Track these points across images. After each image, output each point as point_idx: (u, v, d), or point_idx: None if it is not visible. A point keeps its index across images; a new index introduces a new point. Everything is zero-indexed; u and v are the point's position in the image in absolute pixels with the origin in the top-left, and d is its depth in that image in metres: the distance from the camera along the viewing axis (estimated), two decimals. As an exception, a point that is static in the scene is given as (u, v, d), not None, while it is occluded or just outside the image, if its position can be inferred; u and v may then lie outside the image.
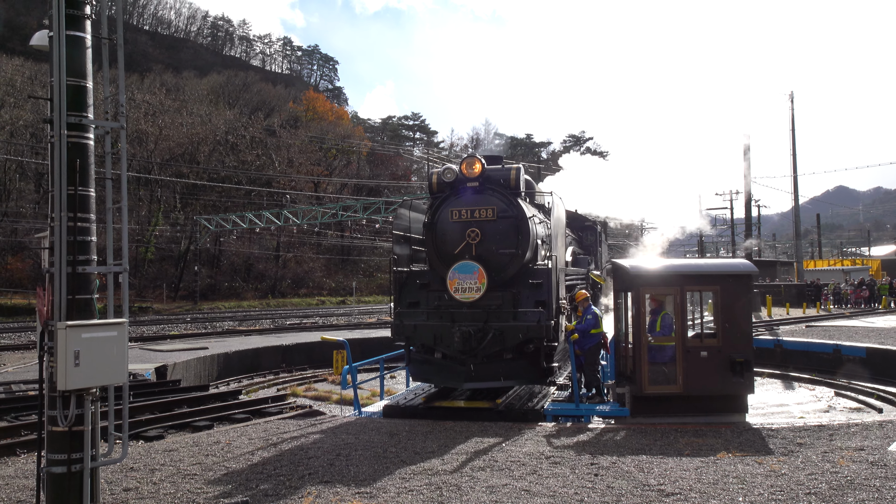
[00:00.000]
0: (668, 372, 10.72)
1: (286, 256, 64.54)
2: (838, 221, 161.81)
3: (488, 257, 11.58)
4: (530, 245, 11.62)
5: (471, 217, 11.73)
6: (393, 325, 12.21)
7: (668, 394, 10.68)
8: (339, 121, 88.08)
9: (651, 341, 10.81)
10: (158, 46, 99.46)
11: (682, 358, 10.57)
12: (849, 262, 67.80)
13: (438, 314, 11.80)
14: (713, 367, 10.51)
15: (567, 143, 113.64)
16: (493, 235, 11.66)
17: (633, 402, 10.80)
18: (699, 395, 10.56)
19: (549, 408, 11.28)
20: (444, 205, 12.02)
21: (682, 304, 10.69)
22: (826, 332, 23.91)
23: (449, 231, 11.88)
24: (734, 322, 10.60)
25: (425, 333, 11.85)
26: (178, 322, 37.11)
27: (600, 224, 21.90)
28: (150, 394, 13.90)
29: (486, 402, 11.79)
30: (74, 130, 5.87)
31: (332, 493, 6.85)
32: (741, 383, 10.50)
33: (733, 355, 10.45)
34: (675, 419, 10.25)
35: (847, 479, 6.85)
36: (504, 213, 11.69)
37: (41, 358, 5.84)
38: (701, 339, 10.81)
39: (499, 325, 11.35)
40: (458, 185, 12.00)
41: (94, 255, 6.02)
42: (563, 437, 9.28)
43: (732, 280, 10.76)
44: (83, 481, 5.79)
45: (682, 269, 11.41)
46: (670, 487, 6.81)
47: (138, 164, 55.27)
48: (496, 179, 12.10)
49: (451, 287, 11.50)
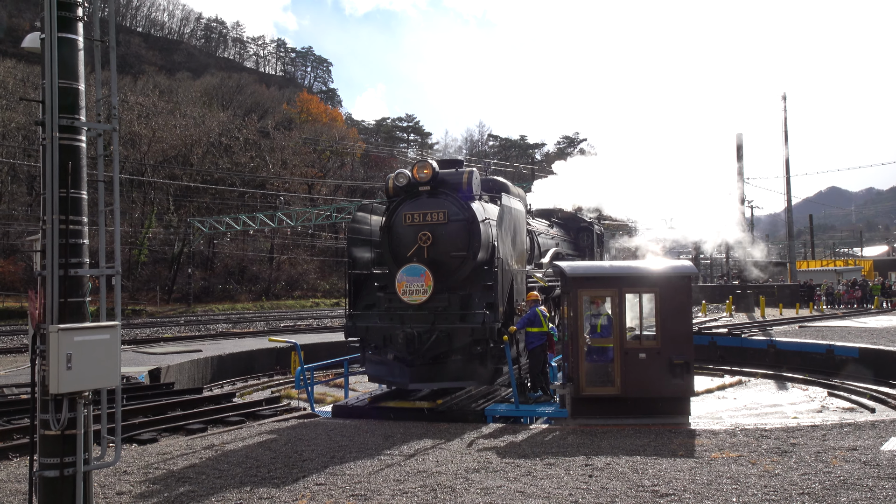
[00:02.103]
0: (608, 373, 10.81)
1: (280, 258, 64.42)
2: (831, 222, 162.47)
3: (441, 260, 11.87)
4: (483, 247, 11.79)
5: (423, 221, 12.04)
6: (346, 326, 12.55)
7: (606, 395, 10.76)
8: (333, 122, 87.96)
9: (588, 342, 10.94)
10: (152, 48, 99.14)
11: (620, 359, 10.67)
12: (841, 262, 68.11)
13: (389, 316, 12.09)
14: (652, 368, 10.58)
15: (561, 145, 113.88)
16: (445, 238, 11.93)
17: (572, 404, 10.86)
18: (638, 396, 10.62)
19: (489, 409, 11.37)
20: (399, 208, 12.34)
21: (620, 306, 10.78)
22: (819, 332, 24.00)
23: (403, 234, 12.19)
24: (674, 323, 10.64)
25: (376, 335, 12.15)
26: (172, 325, 36.98)
27: (598, 225, 21.88)
28: (143, 397, 13.85)
29: (428, 402, 11.93)
30: (66, 133, 5.85)
31: (326, 496, 6.83)
32: (681, 385, 10.54)
33: (672, 357, 10.50)
34: (615, 421, 10.30)
35: (840, 479, 6.87)
36: (455, 217, 11.94)
37: (33, 361, 5.81)
38: (640, 340, 10.88)
39: (445, 326, 11.57)
40: (411, 188, 12.27)
41: (86, 257, 5.99)
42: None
43: (672, 282, 10.82)
44: (76, 485, 5.76)
45: (621, 271, 11.52)
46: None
47: (131, 166, 55.08)
48: (451, 183, 12.30)
49: (400, 289, 11.80)
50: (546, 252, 16.53)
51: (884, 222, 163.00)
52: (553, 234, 18.18)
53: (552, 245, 17.50)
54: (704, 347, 22.87)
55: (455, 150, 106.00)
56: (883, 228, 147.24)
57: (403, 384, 12.03)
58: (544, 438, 9.38)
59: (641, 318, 11.14)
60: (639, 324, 10.94)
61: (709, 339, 23.20)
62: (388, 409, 11.87)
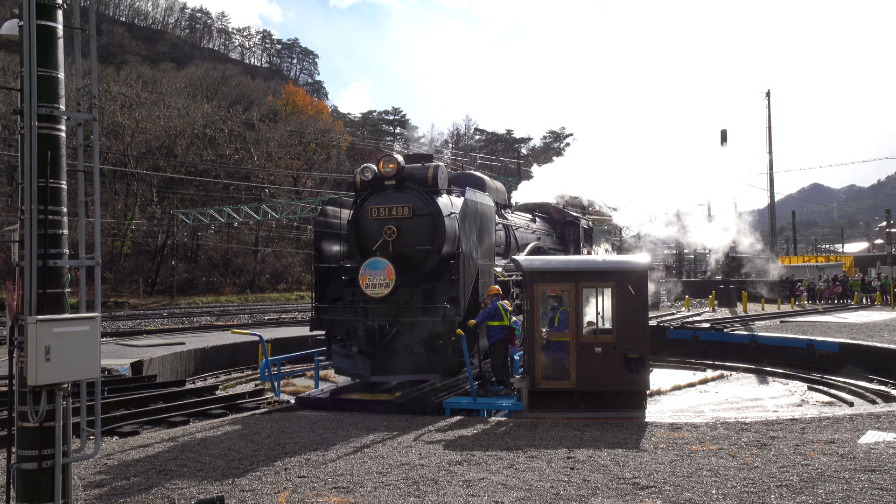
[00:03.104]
0: (565, 367, 10.91)
1: (265, 251, 64.10)
2: (813, 218, 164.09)
3: (406, 254, 12.06)
4: (448, 241, 11.92)
5: (388, 215, 12.23)
6: (311, 319, 12.74)
7: (562, 389, 10.85)
8: (318, 115, 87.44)
9: (545, 336, 11.01)
10: (135, 38, 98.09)
11: (575, 353, 10.76)
12: (822, 258, 68.79)
13: (353, 309, 12.22)
14: (607, 362, 10.67)
15: (547, 139, 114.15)
16: (410, 232, 12.11)
17: (529, 397, 10.94)
18: (594, 390, 10.71)
19: (447, 402, 11.49)
20: (366, 202, 12.51)
21: (576, 300, 10.85)
22: (800, 327, 24.24)
23: (369, 228, 12.39)
24: (629, 318, 10.74)
25: (340, 328, 12.33)
26: (155, 317, 36.72)
27: (585, 220, 21.92)
28: (125, 389, 13.75)
29: (387, 395, 12.07)
30: (45, 122, 5.78)
31: (308, 488, 6.83)
32: (636, 379, 10.64)
33: (628, 351, 10.59)
34: (571, 414, 10.39)
35: (818, 472, 6.96)
36: (421, 211, 12.11)
37: (11, 353, 5.76)
38: (596, 334, 10.96)
39: (407, 319, 11.73)
40: (377, 182, 12.43)
41: (66, 248, 5.93)
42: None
43: (628, 276, 10.88)
44: (55, 477, 5.72)
45: (577, 265, 11.63)
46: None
47: (114, 157, 54.51)
48: (418, 178, 12.45)
49: (363, 283, 11.97)
50: (525, 246, 16.55)
51: (865, 219, 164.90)
52: (535, 229, 18.18)
53: (532, 239, 17.52)
54: (687, 342, 23.02)
55: (441, 144, 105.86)
56: (864, 225, 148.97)
57: (365, 377, 12.19)
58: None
59: (599, 313, 11.28)
60: (601, 318, 11.04)
61: (691, 334, 23.35)
62: (347, 401, 12.00)
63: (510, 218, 16.36)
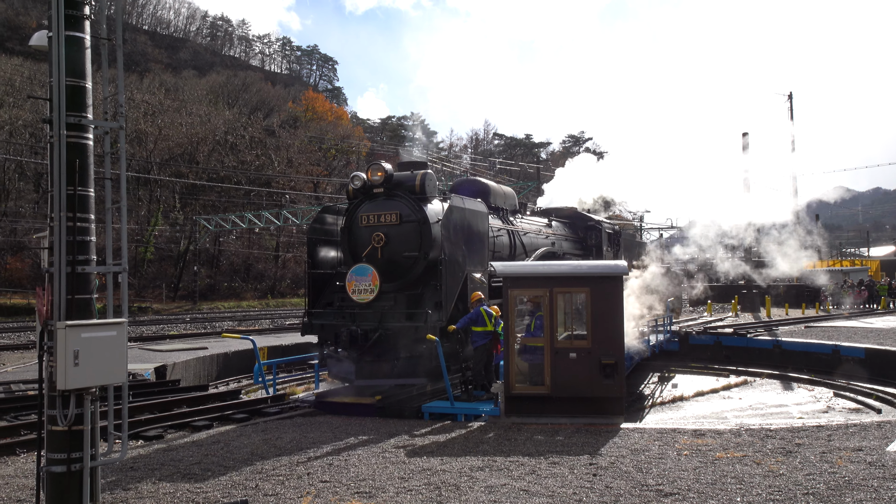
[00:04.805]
0: (540, 373, 10.87)
1: (286, 256, 64.51)
2: (837, 222, 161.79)
3: (394, 260, 12.30)
4: (435, 247, 12.06)
5: (377, 222, 12.51)
6: (303, 323, 13.06)
7: (536, 394, 10.82)
8: (338, 121, 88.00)
9: (519, 341, 11.02)
10: (158, 46, 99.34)
11: (549, 359, 10.72)
12: (848, 262, 67.80)
13: (341, 314, 12.50)
14: (582, 368, 10.62)
15: (566, 144, 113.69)
16: (397, 239, 12.36)
17: (505, 402, 10.90)
18: (568, 396, 10.66)
19: (426, 406, 11.54)
20: (357, 210, 12.80)
21: (551, 305, 10.83)
22: (825, 332, 23.92)
23: (360, 235, 12.68)
24: (604, 324, 10.67)
25: (329, 333, 12.58)
26: (178, 322, 37.08)
27: (608, 224, 21.75)
28: (149, 393, 13.91)
29: (368, 398, 12.16)
30: (74, 130, 5.89)
31: (331, 493, 6.86)
32: (611, 385, 10.56)
33: (602, 357, 10.54)
34: (547, 420, 10.34)
35: (845, 480, 6.86)
36: (408, 218, 12.33)
37: (41, 357, 5.86)
38: (571, 340, 10.92)
39: (391, 325, 11.93)
40: (367, 191, 12.71)
41: (93, 254, 6.03)
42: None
43: (602, 281, 10.84)
44: (83, 480, 5.80)
45: (551, 271, 11.58)
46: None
47: (137, 164, 55.23)
48: (407, 185, 12.68)
49: (350, 289, 12.24)
50: (534, 251, 16.51)
51: (891, 222, 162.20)
52: (548, 234, 18.08)
53: (545, 244, 17.42)
54: (710, 347, 22.82)
55: (460, 149, 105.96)
56: (890, 228, 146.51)
57: (350, 380, 12.47)
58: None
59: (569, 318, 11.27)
60: (580, 323, 11.04)
61: (714, 339, 23.14)
62: (331, 403, 12.22)
63: (518, 223, 16.36)
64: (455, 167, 76.97)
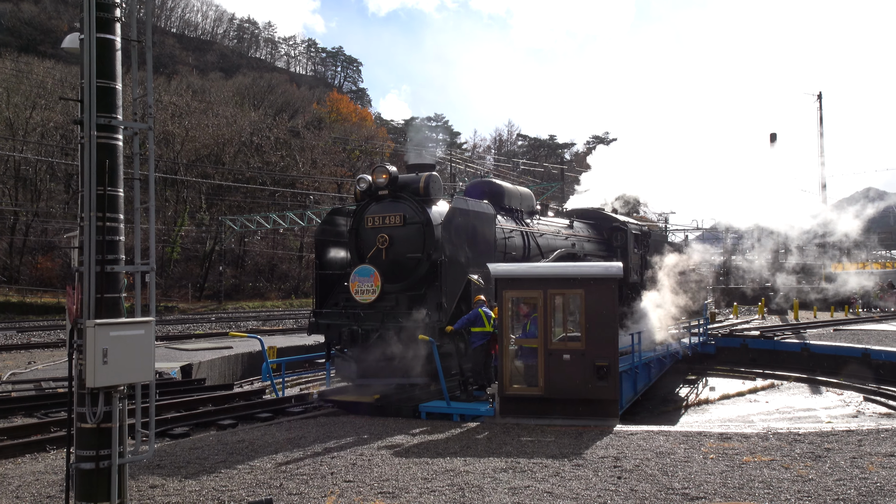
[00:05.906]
0: (535, 374, 10.86)
1: (309, 257, 64.87)
2: (867, 224, 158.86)
3: (398, 261, 12.43)
4: (437, 248, 12.14)
5: (382, 224, 12.68)
6: (309, 323, 13.26)
7: (529, 395, 10.79)
8: (362, 122, 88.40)
9: (514, 342, 11.03)
10: (185, 48, 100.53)
11: (543, 360, 10.71)
12: (878, 265, 66.53)
13: (346, 314, 12.64)
14: (576, 370, 10.60)
15: (590, 144, 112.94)
16: (401, 240, 12.50)
17: (500, 403, 10.90)
18: (562, 397, 10.63)
19: (422, 405, 11.59)
20: (364, 211, 12.97)
21: (545, 307, 10.80)
22: (854, 335, 23.51)
23: (366, 237, 12.86)
24: (599, 326, 10.63)
25: (333, 332, 12.81)
26: (203, 321, 37.49)
27: (636, 224, 21.50)
28: (175, 392, 14.08)
29: (368, 398, 12.28)
30: (104, 131, 5.97)
31: (354, 493, 6.88)
32: (605, 387, 10.52)
33: (596, 359, 10.50)
34: (542, 421, 10.33)
35: (877, 486, 6.73)
36: (412, 220, 12.48)
37: (71, 355, 5.95)
38: (565, 341, 10.87)
39: (392, 325, 12.05)
40: (372, 193, 12.91)
41: (122, 254, 6.11)
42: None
43: (597, 283, 10.78)
44: (111, 477, 5.88)
45: (546, 273, 11.50)
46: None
47: (165, 164, 55.94)
48: (412, 187, 12.79)
49: (353, 289, 12.43)
50: (551, 252, 16.42)
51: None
52: (567, 235, 17.92)
53: (564, 245, 17.28)
54: (736, 350, 22.54)
55: (484, 150, 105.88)
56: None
57: (352, 379, 12.71)
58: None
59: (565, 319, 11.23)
60: (574, 325, 10.98)
61: (740, 342, 22.85)
62: (332, 402, 12.39)
63: (535, 224, 16.29)
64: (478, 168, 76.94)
